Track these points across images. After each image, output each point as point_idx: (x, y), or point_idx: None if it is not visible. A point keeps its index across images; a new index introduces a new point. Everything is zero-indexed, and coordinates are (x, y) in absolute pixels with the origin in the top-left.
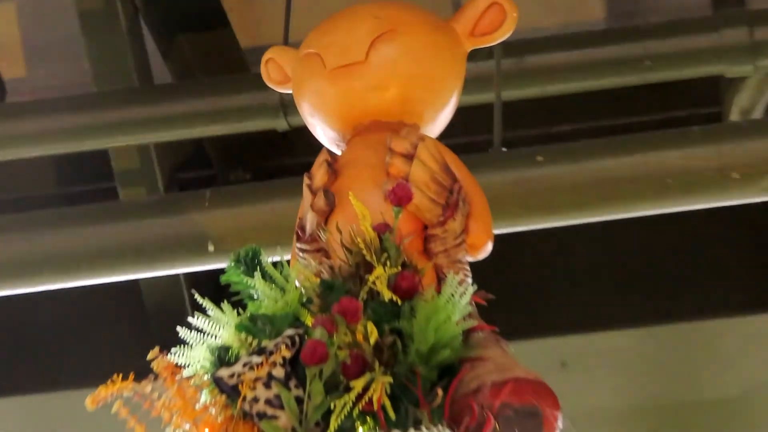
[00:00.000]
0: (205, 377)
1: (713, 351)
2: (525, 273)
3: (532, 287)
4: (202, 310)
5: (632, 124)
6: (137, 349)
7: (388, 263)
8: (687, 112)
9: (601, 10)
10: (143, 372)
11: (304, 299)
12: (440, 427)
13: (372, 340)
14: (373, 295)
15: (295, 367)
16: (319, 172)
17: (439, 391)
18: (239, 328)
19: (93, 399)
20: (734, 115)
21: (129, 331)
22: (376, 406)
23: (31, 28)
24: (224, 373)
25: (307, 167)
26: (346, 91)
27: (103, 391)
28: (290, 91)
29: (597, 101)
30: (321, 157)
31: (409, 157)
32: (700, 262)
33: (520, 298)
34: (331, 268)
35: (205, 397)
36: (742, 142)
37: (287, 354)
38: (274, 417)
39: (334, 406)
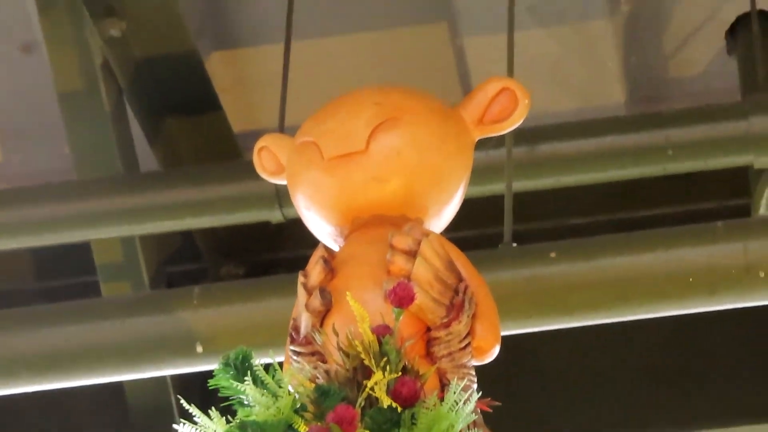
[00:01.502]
0: None
1: None
2: (536, 379)
3: (544, 395)
4: (190, 416)
5: (652, 217)
6: None
7: (387, 368)
8: (712, 204)
9: (621, 94)
10: None
11: (298, 406)
12: None
13: None
14: (372, 402)
15: None
16: (315, 270)
17: None
18: None
19: None
20: (763, 209)
21: None
22: None
23: (6, 111)
24: None
25: (303, 261)
26: (345, 182)
27: None
28: (284, 182)
29: (615, 193)
30: (317, 254)
31: (412, 255)
32: (729, 365)
33: (531, 406)
34: (327, 372)
35: None
36: None
37: None
38: None
39: None
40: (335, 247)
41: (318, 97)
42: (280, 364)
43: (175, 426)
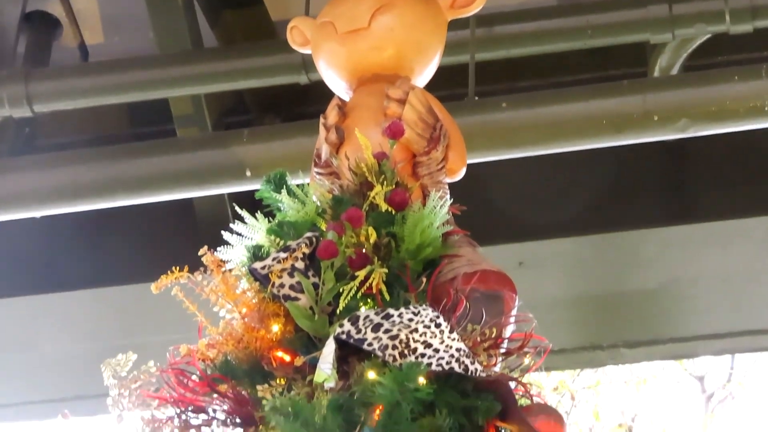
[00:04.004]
0: (243, 269)
1: (636, 254)
2: (491, 192)
3: (496, 203)
4: (242, 220)
5: (577, 80)
6: (192, 251)
7: (384, 183)
8: (620, 71)
9: None
10: (196, 267)
11: (320, 210)
12: (424, 306)
13: (372, 241)
14: (373, 207)
15: (312, 261)
16: (332, 113)
17: (424, 280)
18: (269, 232)
19: (157, 285)
20: (656, 73)
21: (185, 238)
22: (374, 291)
23: (106, 2)
24: (257, 265)
25: (323, 111)
26: (353, 50)
27: (165, 279)
28: (310, 52)
29: (549, 62)
30: (333, 102)
31: (402, 102)
32: (627, 184)
33: (486, 211)
34: (341, 186)
35: (243, 284)
36: (662, 93)
37: (306, 251)
38: (297, 299)
39: (343, 290)
40: (346, 98)
41: None
42: (307, 182)
43: (231, 226)
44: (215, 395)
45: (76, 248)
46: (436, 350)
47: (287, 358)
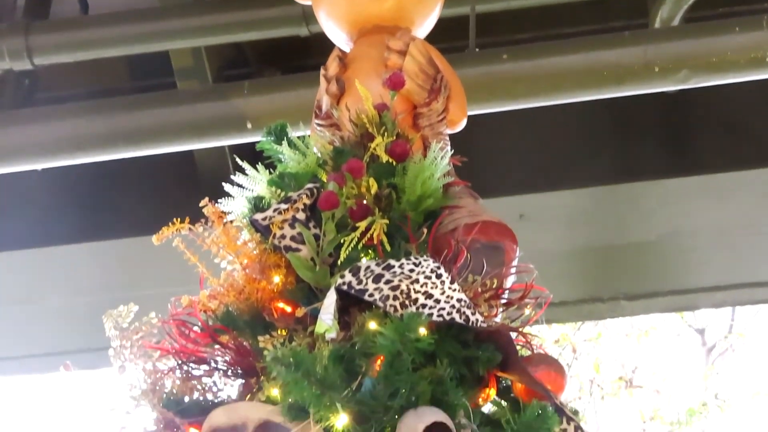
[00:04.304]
0: (244, 221)
1: (636, 206)
2: (492, 144)
3: (497, 155)
4: (243, 172)
5: (578, 32)
6: (193, 204)
7: (385, 134)
8: (621, 22)
9: None
10: (197, 220)
11: (321, 161)
12: (425, 257)
13: (373, 192)
14: (374, 158)
15: (313, 212)
16: (332, 65)
17: (424, 231)
18: (270, 183)
19: (158, 237)
20: (657, 24)
21: (186, 191)
22: (375, 242)
23: None
24: (259, 216)
25: (323, 63)
26: (353, 1)
27: (166, 231)
28: (310, 3)
29: (551, 14)
30: (334, 54)
31: (403, 53)
32: (628, 136)
33: (487, 163)
34: (342, 138)
35: (244, 235)
36: (663, 44)
37: (307, 202)
38: (298, 250)
39: (344, 241)
40: (347, 49)
41: None
42: (308, 134)
43: (232, 178)
44: (217, 346)
45: (77, 201)
46: (437, 301)
47: (288, 308)
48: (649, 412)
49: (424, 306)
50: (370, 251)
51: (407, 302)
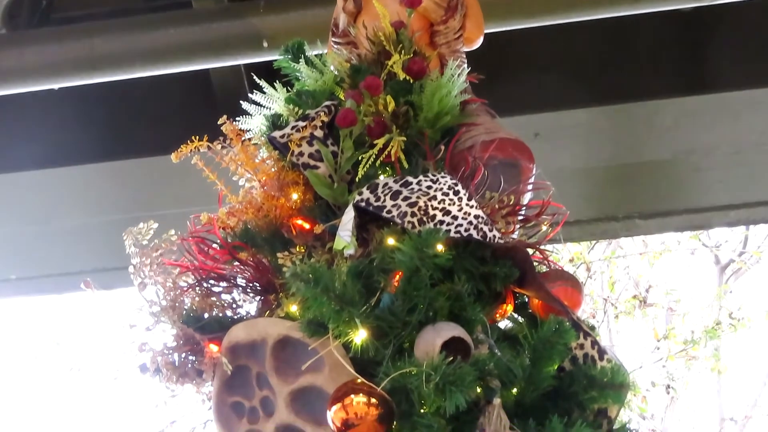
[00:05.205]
0: (262, 138)
1: (651, 124)
2: (509, 62)
3: (514, 74)
4: (260, 90)
5: None
6: (209, 122)
7: (402, 52)
8: None
9: None
10: (214, 138)
11: (338, 79)
12: (443, 174)
13: (390, 109)
14: (391, 76)
15: (331, 130)
16: None
17: (442, 148)
18: (288, 101)
19: (177, 154)
20: None
21: (202, 110)
22: (393, 159)
23: None
24: (277, 134)
25: None
26: None
27: (185, 149)
28: None
29: None
30: None
31: None
32: (644, 55)
33: (504, 82)
34: (359, 55)
35: (262, 153)
36: None
37: (325, 119)
38: (316, 167)
39: (362, 158)
40: None
41: None
42: (325, 52)
43: (249, 95)
44: (236, 263)
45: (95, 121)
46: (455, 217)
47: (307, 225)
48: (662, 330)
49: (441, 222)
50: (387, 168)
51: (425, 218)
